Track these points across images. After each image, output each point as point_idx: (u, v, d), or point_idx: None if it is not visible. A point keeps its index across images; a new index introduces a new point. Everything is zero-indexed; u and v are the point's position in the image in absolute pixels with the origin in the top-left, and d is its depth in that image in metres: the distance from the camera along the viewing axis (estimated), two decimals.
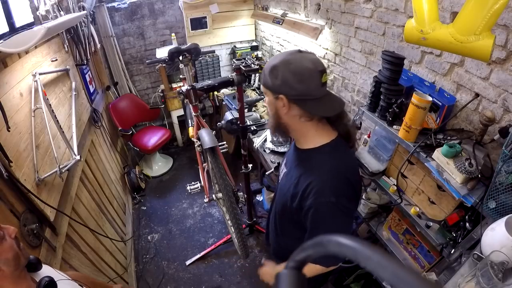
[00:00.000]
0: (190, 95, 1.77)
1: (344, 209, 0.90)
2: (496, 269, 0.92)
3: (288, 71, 0.83)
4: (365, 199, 1.77)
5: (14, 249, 0.72)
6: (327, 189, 0.87)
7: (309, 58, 0.85)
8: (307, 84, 0.83)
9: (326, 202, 0.87)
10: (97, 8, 2.94)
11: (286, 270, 0.37)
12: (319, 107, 0.87)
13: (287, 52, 0.88)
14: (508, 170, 0.95)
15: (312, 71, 0.83)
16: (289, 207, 1.00)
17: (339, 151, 0.95)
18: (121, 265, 2.15)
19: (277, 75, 0.84)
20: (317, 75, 0.83)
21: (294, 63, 0.83)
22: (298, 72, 0.82)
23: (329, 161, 0.91)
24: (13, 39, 1.28)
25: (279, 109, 0.91)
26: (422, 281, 0.23)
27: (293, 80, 0.83)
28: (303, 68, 0.82)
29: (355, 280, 1.97)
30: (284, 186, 1.03)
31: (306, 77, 0.82)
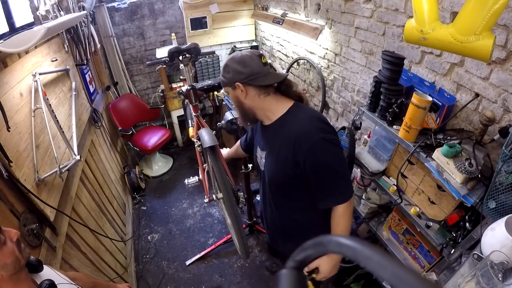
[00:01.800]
0: (190, 95, 1.77)
1: (333, 140, 1.03)
2: (496, 269, 0.92)
3: (234, 62, 1.04)
4: (365, 199, 1.77)
5: (14, 254, 0.71)
6: (312, 130, 1.01)
7: (248, 50, 1.07)
8: (251, 66, 1.02)
9: (316, 141, 0.99)
10: (97, 8, 2.94)
11: (286, 270, 0.37)
12: (268, 79, 1.04)
13: (230, 55, 1.10)
14: (508, 170, 0.95)
15: (251, 57, 1.03)
16: (286, 176, 1.08)
17: (303, 107, 1.10)
18: (121, 265, 2.15)
19: (228, 70, 1.05)
20: (257, 58, 1.03)
21: (236, 56, 1.04)
22: (241, 60, 1.03)
23: (301, 113, 1.07)
24: (13, 39, 1.28)
25: (239, 96, 1.07)
26: (422, 281, 0.24)
27: (239, 67, 1.02)
28: (243, 56, 1.03)
29: (355, 280, 1.97)
30: (272, 162, 1.13)
31: (248, 62, 1.02)
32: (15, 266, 0.72)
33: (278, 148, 1.08)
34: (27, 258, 0.77)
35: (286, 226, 1.28)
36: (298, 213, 1.22)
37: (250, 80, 1.02)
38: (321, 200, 1.08)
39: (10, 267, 0.71)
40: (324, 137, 1.00)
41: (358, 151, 1.72)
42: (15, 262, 0.72)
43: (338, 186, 1.05)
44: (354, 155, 1.69)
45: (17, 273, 0.73)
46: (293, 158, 1.03)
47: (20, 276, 0.75)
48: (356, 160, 1.69)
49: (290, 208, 1.21)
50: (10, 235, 0.73)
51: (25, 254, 0.76)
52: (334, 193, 1.05)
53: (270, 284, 2.23)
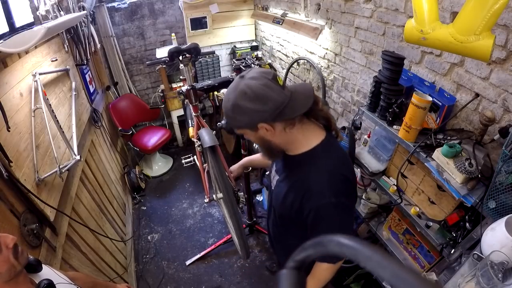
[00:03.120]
0: (190, 95, 1.77)
1: (344, 207, 0.91)
2: (496, 269, 0.92)
3: (248, 101, 0.80)
4: (365, 199, 1.77)
5: (9, 262, 0.70)
6: (326, 191, 0.88)
7: (254, 75, 0.82)
8: (272, 99, 0.80)
9: (327, 204, 0.87)
10: (97, 8, 2.94)
11: (286, 270, 0.37)
12: (295, 107, 0.84)
13: (232, 87, 0.84)
14: (508, 170, 0.95)
15: (267, 85, 0.80)
16: (288, 213, 1.00)
17: (330, 150, 0.94)
18: (121, 265, 2.15)
19: (241, 111, 0.82)
20: (273, 83, 0.81)
21: (247, 91, 0.79)
22: (256, 96, 0.79)
23: (324, 162, 0.91)
24: (13, 39, 1.28)
25: (266, 136, 0.89)
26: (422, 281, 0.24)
27: (258, 105, 0.80)
28: (257, 88, 0.79)
29: (355, 280, 1.97)
30: (280, 193, 1.02)
31: (267, 94, 0.80)
32: (10, 274, 0.71)
33: (290, 185, 0.97)
34: (24, 264, 0.75)
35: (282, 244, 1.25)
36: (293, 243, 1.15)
37: (277, 116, 0.82)
38: None
39: (4, 275, 0.69)
40: (336, 203, 0.87)
41: (358, 151, 1.73)
42: (10, 270, 0.70)
43: None
44: (354, 155, 1.69)
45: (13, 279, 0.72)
46: (299, 206, 0.93)
47: (18, 279, 0.74)
48: (356, 160, 1.69)
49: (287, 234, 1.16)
50: (6, 241, 0.71)
51: (22, 260, 0.74)
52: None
53: (270, 284, 2.23)
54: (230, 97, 0.83)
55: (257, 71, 0.84)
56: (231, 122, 0.88)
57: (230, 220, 1.67)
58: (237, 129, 0.90)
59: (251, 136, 0.92)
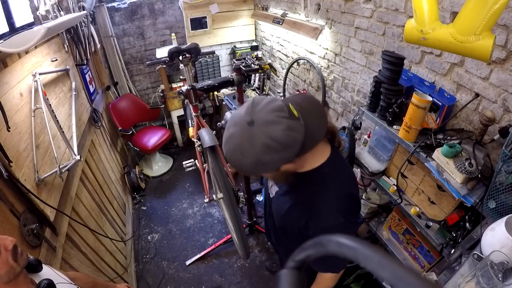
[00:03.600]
0: (190, 95, 1.77)
1: (352, 225, 0.92)
2: (496, 269, 0.92)
3: (274, 153, 0.70)
4: (365, 199, 1.77)
5: (8, 264, 0.69)
6: (335, 212, 0.86)
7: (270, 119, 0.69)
8: (296, 140, 0.72)
9: (336, 225, 0.86)
10: (97, 8, 2.94)
11: (286, 270, 0.37)
12: (313, 135, 0.78)
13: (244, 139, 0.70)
14: (508, 170, 0.95)
15: (288, 127, 0.69)
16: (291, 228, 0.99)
17: (336, 167, 0.91)
18: (121, 265, 2.15)
19: (266, 164, 0.72)
20: (292, 122, 0.71)
21: (270, 144, 0.68)
22: (282, 145, 0.70)
23: (332, 182, 0.89)
24: (13, 39, 1.28)
25: (288, 170, 0.83)
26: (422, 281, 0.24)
27: (285, 153, 0.71)
28: (282, 137, 0.69)
29: (355, 280, 1.97)
30: (281, 207, 1.00)
31: (291, 139, 0.71)
32: (9, 276, 0.70)
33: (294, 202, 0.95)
34: (23, 265, 0.75)
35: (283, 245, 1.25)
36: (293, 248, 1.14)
37: (300, 152, 0.75)
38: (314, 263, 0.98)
39: (4, 277, 0.69)
40: (344, 222, 0.86)
41: (358, 151, 1.72)
42: (9, 272, 0.70)
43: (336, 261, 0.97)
44: (354, 155, 1.69)
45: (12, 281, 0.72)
46: (305, 225, 0.91)
47: (18, 279, 0.74)
48: (356, 160, 1.69)
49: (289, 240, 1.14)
50: (5, 243, 0.71)
51: (21, 261, 0.74)
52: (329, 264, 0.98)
53: (270, 284, 2.23)
54: (247, 153, 0.70)
55: (269, 109, 0.70)
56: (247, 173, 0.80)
57: (230, 220, 1.67)
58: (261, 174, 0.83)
59: (272, 175, 0.88)
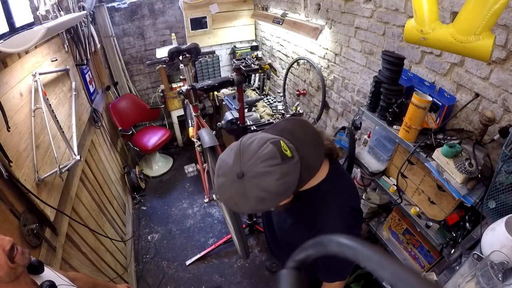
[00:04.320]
0: (190, 95, 1.77)
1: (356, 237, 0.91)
2: (496, 269, 0.92)
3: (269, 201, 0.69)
4: (365, 199, 1.77)
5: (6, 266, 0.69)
6: (338, 228, 0.86)
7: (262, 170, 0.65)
8: (292, 183, 0.70)
9: None
10: (97, 8, 2.94)
11: (286, 270, 0.37)
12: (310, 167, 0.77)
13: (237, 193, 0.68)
14: (508, 170, 0.95)
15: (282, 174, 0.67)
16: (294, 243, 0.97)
17: (337, 182, 0.91)
18: (121, 265, 2.15)
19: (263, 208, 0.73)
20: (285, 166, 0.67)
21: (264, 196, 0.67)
22: (277, 194, 0.69)
23: (333, 198, 0.88)
24: (13, 39, 1.28)
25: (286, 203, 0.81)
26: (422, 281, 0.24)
27: (281, 198, 0.72)
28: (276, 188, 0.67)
29: (355, 280, 1.97)
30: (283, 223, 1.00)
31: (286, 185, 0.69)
32: (10, 276, 0.70)
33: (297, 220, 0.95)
34: (25, 264, 0.74)
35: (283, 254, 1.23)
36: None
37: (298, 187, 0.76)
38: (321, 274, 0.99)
39: (4, 278, 0.69)
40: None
41: (358, 151, 1.72)
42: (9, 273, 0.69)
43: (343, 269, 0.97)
44: (354, 155, 1.69)
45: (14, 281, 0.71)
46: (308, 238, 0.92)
47: (19, 280, 0.74)
48: (356, 160, 1.69)
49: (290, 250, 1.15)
50: (3, 244, 0.69)
51: (22, 261, 0.73)
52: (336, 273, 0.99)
53: (270, 284, 2.23)
54: (242, 205, 0.70)
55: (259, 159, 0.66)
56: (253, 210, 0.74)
57: (230, 220, 1.67)
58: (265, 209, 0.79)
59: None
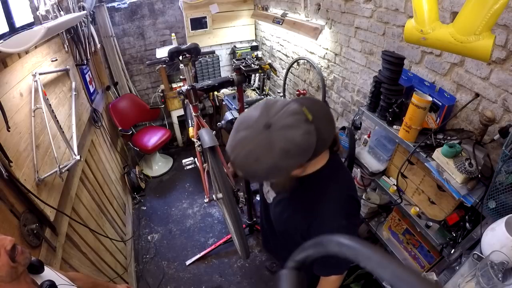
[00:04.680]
0: (190, 95, 1.77)
1: (353, 226, 0.93)
2: (496, 269, 0.92)
3: (292, 158, 0.67)
4: (365, 199, 1.77)
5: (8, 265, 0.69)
6: (338, 215, 0.87)
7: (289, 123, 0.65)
8: (312, 145, 0.69)
9: (338, 227, 0.87)
10: (97, 8, 2.94)
11: (286, 270, 0.37)
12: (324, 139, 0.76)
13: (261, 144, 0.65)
14: (508, 170, 0.95)
15: (307, 132, 0.67)
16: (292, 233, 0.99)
17: (337, 171, 0.92)
18: (121, 265, 2.15)
19: (281, 169, 0.69)
20: (308, 126, 0.67)
21: (290, 148, 0.65)
22: (302, 150, 0.67)
23: (332, 185, 0.89)
24: (13, 39, 1.28)
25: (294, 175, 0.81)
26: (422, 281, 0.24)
27: (302, 157, 0.69)
28: (302, 141, 0.66)
29: (355, 280, 1.97)
30: (281, 213, 1.00)
31: (309, 143, 0.68)
32: (12, 276, 0.70)
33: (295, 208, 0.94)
34: (25, 263, 0.75)
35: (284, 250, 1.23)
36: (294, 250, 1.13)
37: (312, 156, 0.73)
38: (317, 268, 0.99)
39: (5, 278, 0.69)
40: (346, 224, 0.87)
41: (358, 151, 1.72)
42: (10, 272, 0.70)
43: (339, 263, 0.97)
44: (354, 155, 1.69)
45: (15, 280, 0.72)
46: (307, 230, 0.91)
47: (20, 279, 0.74)
48: (356, 160, 1.69)
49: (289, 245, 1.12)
50: (4, 243, 0.70)
51: (23, 260, 0.73)
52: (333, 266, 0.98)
53: (270, 284, 2.23)
54: (264, 158, 0.66)
55: (287, 113, 0.67)
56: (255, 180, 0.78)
57: (230, 220, 1.67)
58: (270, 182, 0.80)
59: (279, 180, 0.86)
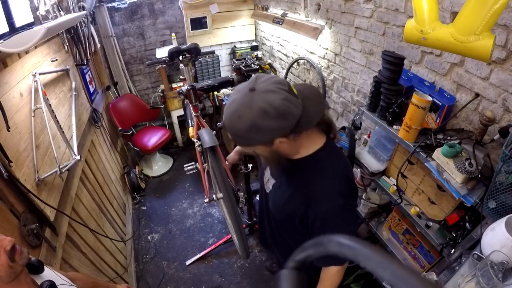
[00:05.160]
0: (190, 95, 1.77)
1: (350, 207, 0.93)
2: (496, 269, 0.92)
3: (270, 119, 0.72)
4: (365, 199, 1.77)
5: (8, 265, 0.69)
6: (335, 193, 0.87)
7: (270, 88, 0.72)
8: (292, 112, 0.73)
9: (335, 206, 0.87)
10: (97, 8, 2.94)
11: (286, 270, 0.37)
12: (310, 116, 0.80)
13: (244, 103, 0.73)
14: (508, 170, 0.95)
15: (286, 98, 0.72)
16: (290, 218, 0.98)
17: (332, 153, 0.93)
18: (121, 265, 2.15)
19: (260, 130, 0.73)
20: (290, 95, 0.73)
21: (268, 108, 0.71)
22: (279, 112, 0.71)
23: (329, 165, 0.90)
24: (13, 39, 1.28)
25: (279, 148, 0.84)
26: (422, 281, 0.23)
27: (281, 122, 0.73)
28: (279, 104, 0.71)
29: (355, 280, 1.97)
30: (280, 199, 0.99)
31: (287, 109, 0.72)
32: (11, 275, 0.70)
33: (293, 191, 0.94)
34: (24, 263, 0.75)
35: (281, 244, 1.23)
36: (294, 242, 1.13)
37: (295, 128, 0.77)
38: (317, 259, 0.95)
39: (4, 278, 0.69)
40: (343, 204, 0.87)
41: (358, 151, 1.72)
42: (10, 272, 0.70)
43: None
44: (354, 155, 1.69)
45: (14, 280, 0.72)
46: (305, 212, 0.91)
47: (20, 279, 0.74)
48: (356, 160, 1.69)
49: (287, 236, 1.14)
50: (4, 244, 0.70)
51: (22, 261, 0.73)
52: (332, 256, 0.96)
53: (270, 284, 2.23)
54: (244, 116, 0.72)
55: (271, 81, 0.74)
56: (242, 141, 0.82)
57: (230, 220, 1.67)
58: (249, 146, 0.83)
59: (261, 151, 0.86)
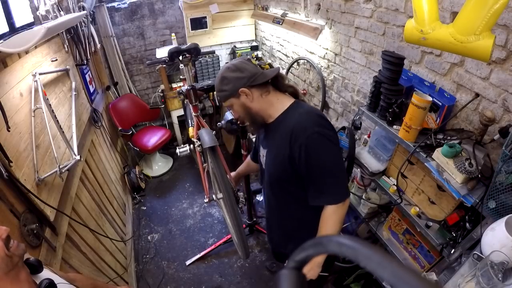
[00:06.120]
0: (190, 95, 1.77)
1: (329, 137, 1.02)
2: (496, 269, 0.92)
3: (231, 72, 1.06)
4: (365, 199, 1.77)
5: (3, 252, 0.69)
6: (309, 124, 1.01)
7: (236, 59, 1.12)
8: (248, 69, 1.05)
9: (312, 133, 0.99)
10: (97, 8, 2.94)
11: (286, 270, 0.37)
12: (267, 74, 1.08)
13: (221, 69, 1.12)
14: (508, 170, 0.95)
15: (243, 62, 1.08)
16: (283, 169, 1.09)
17: (303, 104, 1.13)
18: (121, 265, 2.15)
19: (227, 81, 1.07)
20: (248, 61, 1.09)
21: (229, 66, 1.08)
22: (236, 67, 1.06)
23: (300, 109, 1.08)
24: (13, 39, 1.28)
25: (246, 102, 1.09)
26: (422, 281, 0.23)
27: (238, 74, 1.05)
28: (237, 63, 1.07)
29: (355, 280, 1.97)
30: (271, 159, 1.15)
31: (244, 66, 1.06)
32: (7, 264, 0.70)
33: (277, 143, 1.10)
34: (20, 254, 0.74)
35: (287, 225, 1.28)
36: (297, 210, 1.21)
37: (252, 81, 1.05)
38: (311, 197, 1.07)
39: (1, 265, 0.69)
40: (320, 131, 0.99)
41: (358, 151, 1.72)
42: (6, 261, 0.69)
43: (329, 186, 1.02)
44: (354, 155, 1.69)
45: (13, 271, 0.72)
46: (290, 152, 1.03)
47: (20, 276, 0.74)
48: (356, 160, 1.69)
49: (288, 204, 1.21)
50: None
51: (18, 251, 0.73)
52: (324, 192, 1.02)
53: (270, 284, 2.23)
54: (219, 74, 1.10)
55: (237, 58, 1.14)
56: (220, 95, 1.11)
57: (230, 220, 1.67)
58: (225, 99, 1.11)
59: (236, 106, 1.11)
